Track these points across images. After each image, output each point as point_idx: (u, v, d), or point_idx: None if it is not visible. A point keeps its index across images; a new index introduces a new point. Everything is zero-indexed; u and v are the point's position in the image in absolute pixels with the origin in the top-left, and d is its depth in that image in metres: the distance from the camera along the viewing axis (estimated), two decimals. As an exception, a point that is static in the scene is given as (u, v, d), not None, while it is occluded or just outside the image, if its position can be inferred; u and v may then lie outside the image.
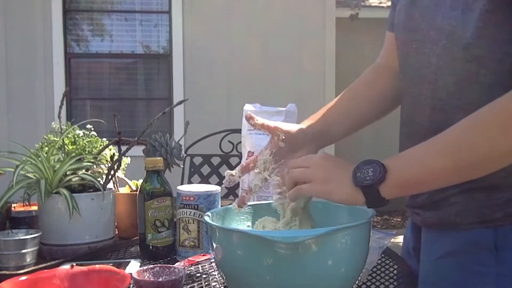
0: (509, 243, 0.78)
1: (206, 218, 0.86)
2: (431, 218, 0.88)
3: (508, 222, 0.78)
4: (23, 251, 1.08)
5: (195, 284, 0.98)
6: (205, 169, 2.53)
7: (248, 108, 1.34)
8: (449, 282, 0.84)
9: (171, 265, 0.94)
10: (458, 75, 0.80)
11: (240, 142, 1.36)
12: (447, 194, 0.82)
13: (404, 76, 0.93)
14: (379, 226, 5.30)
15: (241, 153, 1.36)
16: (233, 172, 0.95)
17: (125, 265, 1.06)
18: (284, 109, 1.29)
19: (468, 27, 0.77)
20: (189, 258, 1.07)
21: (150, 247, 1.14)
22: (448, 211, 0.83)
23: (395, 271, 1.04)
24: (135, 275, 0.87)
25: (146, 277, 0.89)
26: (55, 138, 1.34)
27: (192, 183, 2.44)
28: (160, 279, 0.88)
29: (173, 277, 0.88)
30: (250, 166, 0.94)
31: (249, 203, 0.97)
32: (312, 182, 0.79)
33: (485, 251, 0.79)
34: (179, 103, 1.43)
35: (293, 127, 0.96)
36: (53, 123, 1.42)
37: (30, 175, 1.21)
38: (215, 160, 2.54)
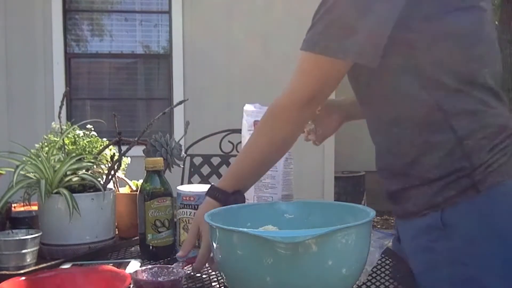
0: (452, 220, 0.95)
1: (206, 218, 0.86)
2: (398, 210, 1.08)
3: (448, 204, 0.95)
4: (23, 251, 1.08)
5: (195, 284, 0.98)
6: (205, 169, 2.53)
7: (248, 108, 1.34)
8: (417, 259, 1.02)
9: (170, 266, 0.94)
10: None
11: (240, 142, 1.36)
12: (403, 190, 1.03)
13: None
14: (379, 226, 5.30)
15: (241, 153, 1.36)
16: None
17: (125, 265, 1.06)
18: None
19: None
20: (189, 257, 1.07)
21: (150, 247, 1.14)
22: (407, 204, 1.02)
23: (395, 271, 1.04)
24: (134, 275, 0.87)
25: (145, 277, 0.89)
26: (55, 138, 1.34)
27: (192, 183, 2.43)
28: (160, 279, 0.88)
29: (173, 277, 0.88)
30: None
31: (249, 203, 0.97)
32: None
33: (436, 230, 0.96)
34: (179, 103, 1.43)
35: (330, 102, 1.26)
36: (53, 123, 1.42)
37: (30, 175, 1.21)
38: (215, 160, 2.54)
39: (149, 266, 0.92)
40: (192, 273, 1.04)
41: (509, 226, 0.93)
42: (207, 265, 1.08)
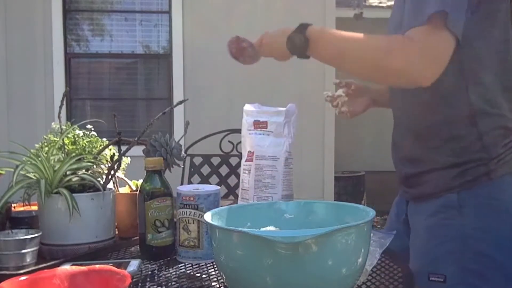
0: (467, 201, 1.11)
1: (206, 218, 0.86)
2: (414, 193, 1.23)
3: (464, 188, 1.12)
4: (23, 251, 1.08)
5: (195, 284, 0.98)
6: (205, 169, 2.53)
7: (248, 108, 1.34)
8: (432, 234, 1.16)
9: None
10: None
11: (240, 142, 1.36)
12: (422, 174, 1.18)
13: None
14: (379, 226, 5.30)
15: (241, 153, 1.36)
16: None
17: (125, 265, 1.06)
18: (284, 109, 1.29)
19: None
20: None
21: (150, 247, 1.14)
22: (425, 187, 1.18)
23: (395, 271, 1.04)
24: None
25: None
26: (55, 138, 1.34)
27: (192, 183, 2.44)
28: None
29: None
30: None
31: (249, 203, 0.97)
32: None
33: (452, 209, 1.13)
34: (179, 103, 1.43)
35: (363, 85, 1.45)
36: (53, 123, 1.42)
37: (30, 175, 1.21)
38: (215, 160, 2.54)
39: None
40: (192, 273, 1.04)
41: None
42: (207, 265, 1.08)
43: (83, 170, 1.26)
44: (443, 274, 1.11)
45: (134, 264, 1.06)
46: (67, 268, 0.91)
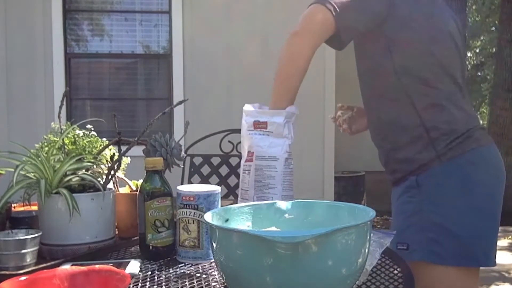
0: (423, 181, 1.34)
1: (206, 218, 0.86)
2: (392, 179, 1.46)
3: (421, 170, 1.34)
4: (23, 251, 1.08)
5: (195, 284, 0.98)
6: (205, 169, 2.53)
7: (248, 108, 1.34)
8: (399, 211, 1.40)
9: None
10: None
11: (240, 142, 1.36)
12: (391, 163, 1.44)
13: None
14: (379, 226, 5.30)
15: (241, 153, 1.36)
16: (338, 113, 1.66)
17: (125, 265, 1.06)
18: (284, 110, 1.30)
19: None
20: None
21: (150, 247, 1.14)
22: (396, 173, 1.42)
23: (395, 271, 1.04)
24: None
25: None
26: (55, 138, 1.34)
27: (192, 183, 2.44)
28: None
29: None
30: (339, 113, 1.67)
31: (249, 203, 0.97)
32: None
33: (413, 189, 1.36)
34: (179, 103, 1.43)
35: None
36: (53, 123, 1.42)
37: (30, 175, 1.21)
38: (215, 160, 2.54)
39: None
40: (192, 273, 1.04)
41: (465, 183, 1.31)
42: (207, 265, 1.08)
43: (83, 170, 1.26)
44: (406, 243, 1.33)
45: (134, 264, 1.06)
46: (67, 268, 0.91)
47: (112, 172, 1.30)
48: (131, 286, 0.89)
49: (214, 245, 0.82)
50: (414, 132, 1.35)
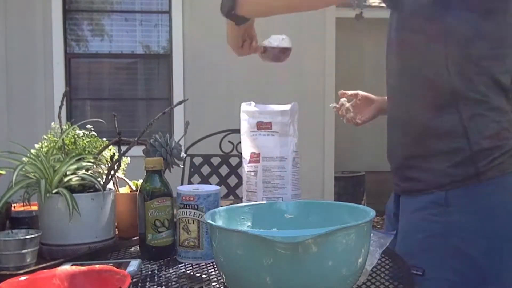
0: (454, 200, 1.14)
1: (206, 218, 0.86)
2: (406, 187, 1.26)
3: (453, 187, 1.15)
4: (23, 251, 1.08)
5: (195, 284, 0.98)
6: (205, 169, 2.53)
7: (247, 108, 1.34)
8: (417, 228, 1.20)
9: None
10: None
11: (240, 142, 1.36)
12: (412, 170, 1.23)
13: None
14: (379, 226, 5.29)
15: (241, 153, 1.36)
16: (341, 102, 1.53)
17: (125, 265, 1.06)
18: (287, 108, 1.29)
19: None
20: None
21: (150, 247, 1.14)
22: (414, 182, 1.22)
23: (395, 271, 1.04)
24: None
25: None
26: (55, 138, 1.34)
27: (192, 183, 2.44)
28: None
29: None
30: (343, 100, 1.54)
31: (249, 203, 0.97)
32: None
33: (439, 206, 1.16)
34: (179, 103, 1.43)
35: (369, 95, 1.55)
36: (53, 123, 1.42)
37: (30, 175, 1.21)
38: (215, 160, 2.54)
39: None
40: (192, 273, 1.04)
41: (499, 211, 1.14)
42: (207, 265, 1.08)
43: (83, 170, 1.26)
44: (423, 268, 1.15)
45: (134, 264, 1.06)
46: (67, 268, 0.91)
47: (112, 172, 1.30)
48: (131, 286, 0.89)
49: (214, 245, 0.82)
50: (454, 142, 1.15)
